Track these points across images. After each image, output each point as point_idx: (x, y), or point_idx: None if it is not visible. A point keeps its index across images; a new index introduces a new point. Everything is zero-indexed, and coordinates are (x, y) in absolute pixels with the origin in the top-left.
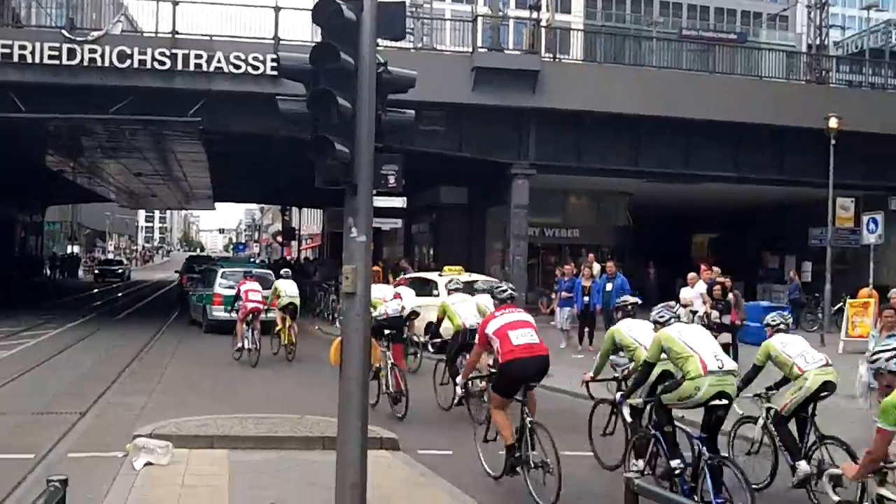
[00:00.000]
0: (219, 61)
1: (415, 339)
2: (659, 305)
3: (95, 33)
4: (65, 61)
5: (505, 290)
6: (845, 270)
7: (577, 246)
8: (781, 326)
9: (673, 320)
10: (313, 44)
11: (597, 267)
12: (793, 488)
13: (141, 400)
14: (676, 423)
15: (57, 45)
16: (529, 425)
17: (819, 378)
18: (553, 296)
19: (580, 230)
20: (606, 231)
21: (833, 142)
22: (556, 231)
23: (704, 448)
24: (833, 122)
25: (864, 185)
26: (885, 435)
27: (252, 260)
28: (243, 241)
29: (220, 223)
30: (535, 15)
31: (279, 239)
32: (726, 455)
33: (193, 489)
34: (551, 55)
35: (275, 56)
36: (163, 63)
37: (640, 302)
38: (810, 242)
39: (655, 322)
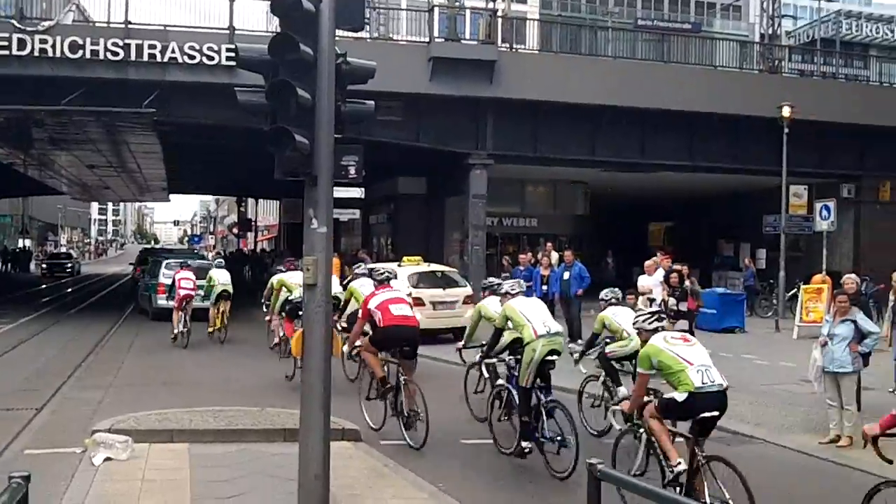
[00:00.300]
0: (173, 52)
1: None
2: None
3: (46, 23)
4: (14, 52)
5: (382, 273)
6: (799, 257)
7: (535, 235)
8: (613, 301)
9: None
10: (269, 34)
11: (555, 256)
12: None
13: (98, 395)
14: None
15: (6, 35)
16: (403, 382)
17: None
18: None
19: (538, 219)
20: (564, 220)
21: (786, 130)
22: (514, 220)
23: (542, 395)
24: (786, 111)
25: (817, 173)
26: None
27: (196, 252)
28: (198, 234)
29: (174, 215)
30: (491, 5)
31: (235, 230)
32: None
33: (154, 483)
34: (508, 45)
35: (230, 46)
36: (116, 54)
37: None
38: (764, 230)
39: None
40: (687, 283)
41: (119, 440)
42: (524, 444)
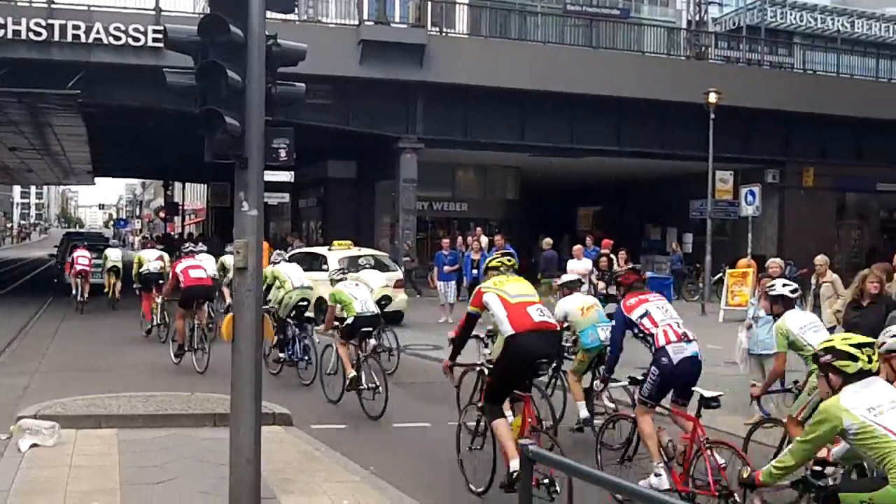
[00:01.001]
0: (98, 32)
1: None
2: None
3: None
4: None
5: (188, 247)
6: (725, 241)
7: (465, 219)
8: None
9: None
10: (195, 15)
11: (484, 240)
12: None
13: (23, 381)
14: None
15: None
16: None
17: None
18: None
19: (468, 204)
20: (494, 204)
21: (712, 116)
22: (444, 205)
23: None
24: (712, 97)
25: (743, 159)
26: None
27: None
28: (124, 217)
29: (100, 199)
30: None
31: (162, 215)
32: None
33: (82, 469)
34: (438, 29)
35: (157, 27)
36: (38, 34)
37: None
38: (691, 214)
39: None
40: (616, 267)
41: (45, 426)
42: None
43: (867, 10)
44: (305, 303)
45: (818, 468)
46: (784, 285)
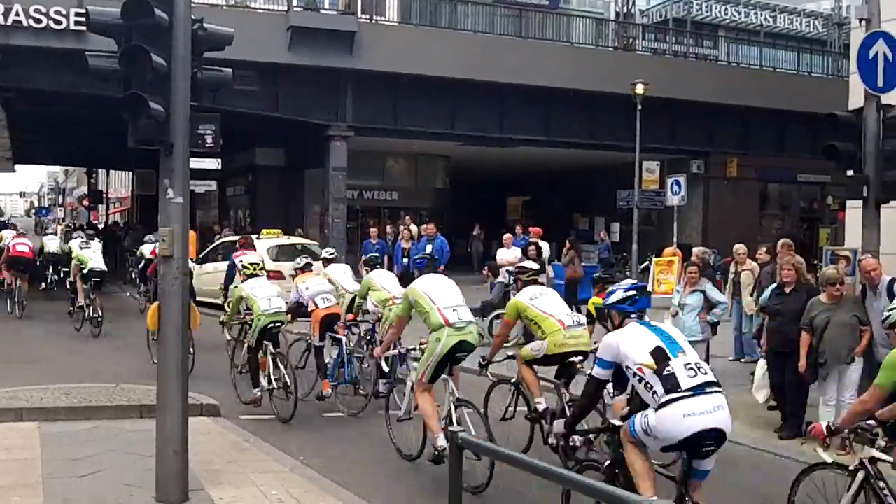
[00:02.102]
0: (17, 14)
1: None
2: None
3: None
4: None
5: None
6: (651, 231)
7: (396, 208)
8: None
9: None
10: None
11: (414, 229)
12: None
13: None
14: None
15: None
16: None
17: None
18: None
19: (399, 192)
20: (425, 193)
21: (639, 107)
22: (375, 193)
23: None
24: (639, 89)
25: (669, 149)
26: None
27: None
28: (46, 206)
29: (20, 186)
30: None
31: (85, 203)
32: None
33: (2, 463)
34: (368, 16)
35: (80, 10)
36: None
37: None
38: (618, 204)
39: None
40: (544, 256)
41: None
42: None
43: (789, 5)
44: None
45: None
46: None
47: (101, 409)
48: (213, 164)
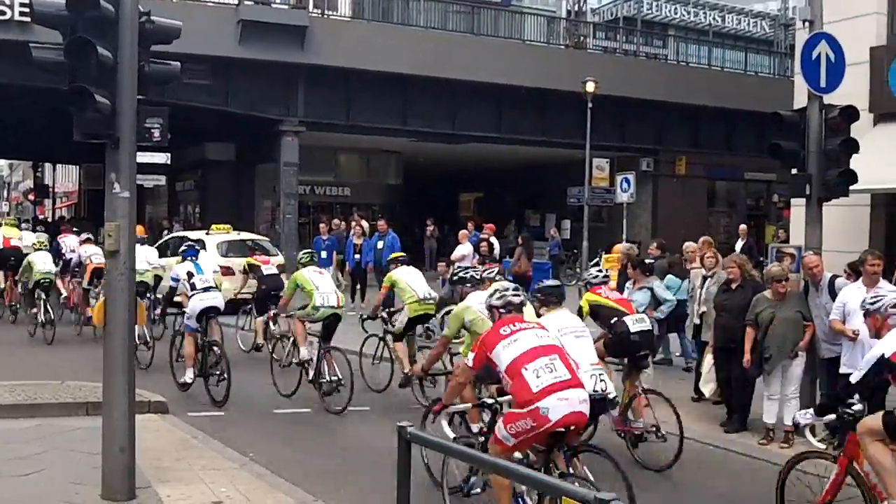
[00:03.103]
0: None
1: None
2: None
3: None
4: None
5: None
6: (601, 227)
7: (348, 204)
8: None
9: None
10: None
11: (365, 225)
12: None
13: None
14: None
15: None
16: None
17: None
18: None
19: (351, 188)
20: (377, 189)
21: (590, 105)
22: (327, 189)
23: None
24: (590, 87)
25: (619, 147)
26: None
27: None
28: None
29: None
30: None
31: (31, 197)
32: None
33: None
34: (319, 11)
35: (23, 0)
36: None
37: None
38: (569, 201)
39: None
40: (496, 252)
41: None
42: None
43: (737, 5)
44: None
45: None
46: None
47: (45, 407)
48: (162, 158)
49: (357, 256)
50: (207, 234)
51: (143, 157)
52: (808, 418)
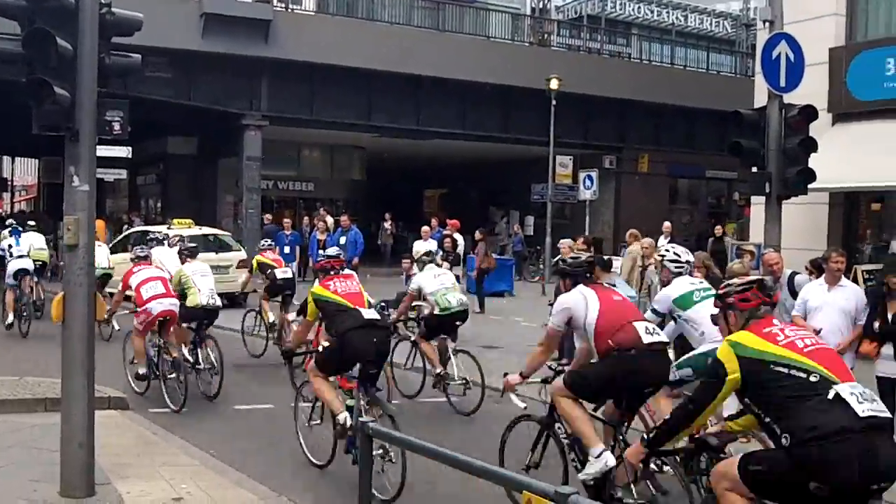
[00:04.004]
0: None
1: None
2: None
3: None
4: None
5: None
6: (564, 224)
7: (311, 199)
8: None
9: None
10: None
11: (329, 220)
12: None
13: None
14: None
15: None
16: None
17: None
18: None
19: (314, 183)
20: (341, 184)
21: (554, 102)
22: (290, 184)
23: None
24: (554, 84)
25: (582, 144)
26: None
27: None
28: None
29: None
30: None
31: None
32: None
33: None
34: (284, 5)
35: None
36: None
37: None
38: (532, 198)
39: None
40: (460, 248)
41: None
42: None
43: (700, 5)
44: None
45: None
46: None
47: (3, 403)
48: (123, 152)
49: (321, 252)
50: (169, 228)
51: (104, 151)
52: None
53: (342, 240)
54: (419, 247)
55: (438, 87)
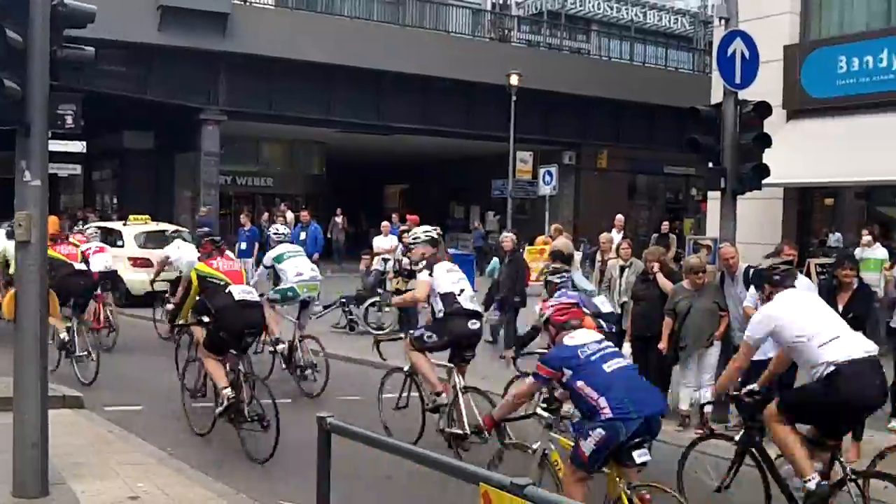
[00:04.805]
0: None
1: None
2: None
3: None
4: None
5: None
6: (524, 219)
7: (270, 195)
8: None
9: None
10: None
11: (290, 216)
12: None
13: None
14: None
15: None
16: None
17: None
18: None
19: (274, 178)
20: (301, 180)
21: (514, 98)
22: (249, 179)
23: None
24: (514, 80)
25: (542, 140)
26: None
27: None
28: None
29: None
30: None
31: None
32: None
33: None
34: None
35: None
36: None
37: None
38: (493, 193)
39: None
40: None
41: None
42: None
43: (658, 2)
44: None
45: None
46: None
47: None
48: (78, 146)
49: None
50: (125, 224)
51: (57, 146)
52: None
53: (302, 235)
54: (379, 242)
55: (399, 82)
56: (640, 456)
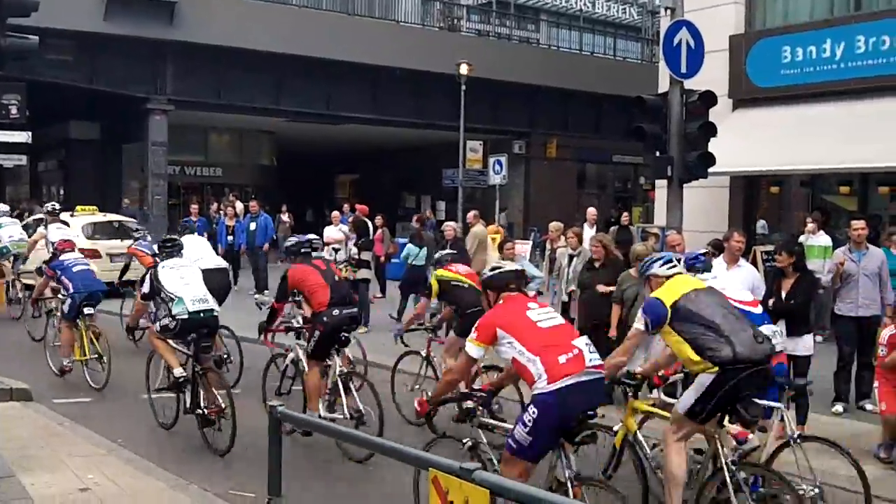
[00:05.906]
0: None
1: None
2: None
3: None
4: None
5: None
6: (476, 209)
7: (219, 185)
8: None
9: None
10: None
11: (239, 206)
12: None
13: None
14: None
15: None
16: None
17: None
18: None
19: (223, 169)
20: (250, 170)
21: (464, 87)
22: (197, 169)
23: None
24: (464, 69)
25: (492, 130)
26: None
27: None
28: None
29: None
30: None
31: None
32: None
33: None
34: None
35: None
36: None
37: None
38: (444, 182)
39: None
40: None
41: None
42: None
43: None
44: None
45: None
46: None
47: None
48: (23, 137)
49: (230, 238)
50: (72, 215)
51: (2, 136)
52: None
53: (252, 225)
54: (330, 232)
55: (349, 71)
56: None
